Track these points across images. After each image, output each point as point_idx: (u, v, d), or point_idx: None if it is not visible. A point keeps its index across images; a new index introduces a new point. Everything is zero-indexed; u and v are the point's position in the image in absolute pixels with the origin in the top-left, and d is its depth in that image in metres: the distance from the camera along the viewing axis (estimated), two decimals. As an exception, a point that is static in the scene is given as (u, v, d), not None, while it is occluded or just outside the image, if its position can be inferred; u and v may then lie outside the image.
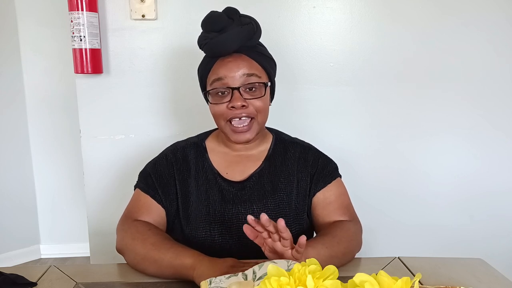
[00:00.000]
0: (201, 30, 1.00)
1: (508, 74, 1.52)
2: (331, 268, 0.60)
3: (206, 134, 1.09)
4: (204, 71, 0.99)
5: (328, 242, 0.89)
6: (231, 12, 0.97)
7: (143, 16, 1.43)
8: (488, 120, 1.55)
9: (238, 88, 0.93)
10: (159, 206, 1.00)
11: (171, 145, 1.09)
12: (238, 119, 0.95)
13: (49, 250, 2.71)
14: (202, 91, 1.04)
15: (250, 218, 0.77)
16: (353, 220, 1.02)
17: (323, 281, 0.58)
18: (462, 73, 1.51)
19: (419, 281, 0.61)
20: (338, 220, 1.00)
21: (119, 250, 0.96)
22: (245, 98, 0.94)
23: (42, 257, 2.71)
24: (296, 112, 1.52)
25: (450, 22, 1.48)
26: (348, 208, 1.04)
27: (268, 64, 1.00)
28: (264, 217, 0.75)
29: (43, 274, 0.91)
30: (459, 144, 1.56)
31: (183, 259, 0.84)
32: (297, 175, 1.02)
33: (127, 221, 0.98)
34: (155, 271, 0.88)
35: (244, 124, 0.95)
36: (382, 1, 1.46)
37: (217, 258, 0.84)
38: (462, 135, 1.55)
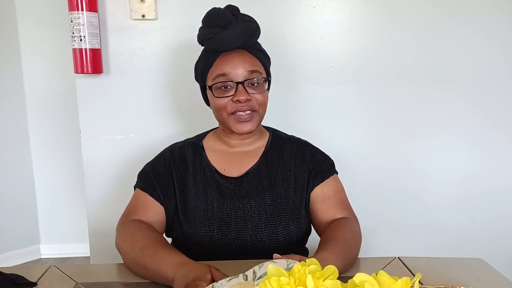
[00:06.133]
0: (201, 26, 1.01)
1: (508, 74, 1.52)
2: (331, 268, 0.60)
3: (204, 134, 1.11)
4: (205, 65, 1.00)
5: (343, 251, 0.88)
6: (233, 9, 1.00)
7: (143, 16, 1.43)
8: (488, 120, 1.55)
9: (242, 83, 0.96)
10: (158, 204, 1.00)
11: (169, 146, 1.10)
12: (242, 112, 0.97)
13: (49, 250, 2.71)
14: (200, 85, 1.06)
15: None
16: (352, 217, 1.03)
17: (323, 281, 0.58)
18: (462, 73, 1.51)
19: (419, 281, 0.61)
20: (339, 217, 1.01)
21: (117, 248, 0.97)
22: (248, 93, 0.96)
23: (42, 257, 2.71)
24: (296, 112, 1.52)
25: (450, 22, 1.48)
26: (346, 204, 1.05)
27: (266, 61, 1.03)
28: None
29: (43, 274, 0.91)
30: (459, 144, 1.56)
31: (164, 272, 0.82)
32: (294, 170, 1.04)
33: (124, 220, 0.99)
34: (144, 276, 0.88)
35: (246, 114, 0.98)
36: (382, 1, 1.46)
37: (192, 264, 0.82)
38: (462, 135, 1.55)
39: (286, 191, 1.02)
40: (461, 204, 1.60)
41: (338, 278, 0.60)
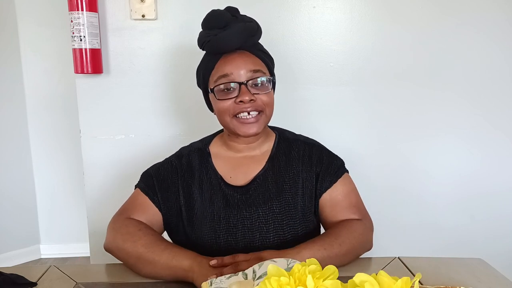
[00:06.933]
0: (201, 30, 0.99)
1: (508, 74, 1.52)
2: (331, 268, 0.60)
3: (210, 139, 1.08)
4: (206, 69, 0.98)
5: (328, 243, 0.88)
6: (232, 10, 0.98)
7: (143, 16, 1.43)
8: (488, 120, 1.55)
9: (245, 83, 0.93)
10: (156, 209, 0.99)
11: (176, 152, 1.07)
12: (246, 113, 0.94)
13: (49, 250, 2.72)
14: (202, 90, 1.03)
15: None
16: (363, 218, 1.00)
17: (323, 281, 0.58)
18: (461, 73, 1.51)
19: (419, 281, 0.61)
20: (346, 218, 0.98)
21: (108, 250, 0.95)
22: (252, 93, 0.93)
23: (42, 257, 2.71)
24: (296, 112, 1.52)
25: (450, 22, 1.48)
26: (357, 205, 1.01)
27: (269, 61, 1.01)
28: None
29: (43, 274, 0.91)
30: (459, 144, 1.56)
31: (180, 261, 0.85)
32: (302, 175, 1.00)
33: (119, 218, 0.97)
34: (151, 272, 0.88)
35: (252, 116, 0.94)
36: (382, 2, 1.46)
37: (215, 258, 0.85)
38: (462, 135, 1.55)
39: (294, 198, 0.98)
40: (461, 204, 1.60)
41: (338, 278, 0.60)
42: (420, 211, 1.60)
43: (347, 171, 1.05)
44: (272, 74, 1.01)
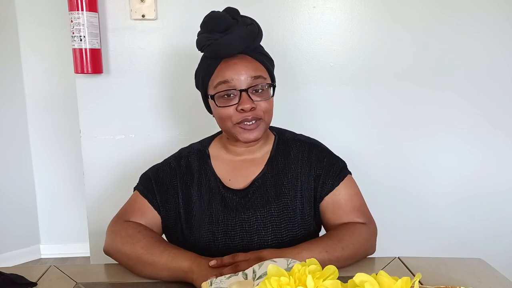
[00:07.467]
0: (199, 30, 0.98)
1: (508, 74, 1.52)
2: (331, 268, 0.60)
3: (210, 140, 1.07)
4: (206, 73, 0.96)
5: (330, 246, 0.87)
6: (233, 12, 0.95)
7: (143, 16, 1.44)
8: (488, 120, 1.55)
9: (246, 90, 0.91)
10: (155, 212, 0.98)
11: (175, 153, 1.06)
12: (248, 122, 0.93)
13: (49, 250, 2.72)
14: (202, 93, 1.01)
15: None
16: (368, 222, 0.99)
17: (323, 281, 0.58)
18: (462, 73, 1.51)
19: (419, 281, 0.61)
20: (351, 221, 0.97)
21: (107, 253, 0.95)
22: (253, 100, 0.92)
23: (42, 257, 2.71)
24: (296, 112, 1.52)
25: (450, 22, 1.48)
26: (361, 209, 0.99)
27: (270, 64, 0.99)
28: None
29: (43, 274, 0.91)
30: (459, 144, 1.56)
31: (179, 262, 0.85)
32: (301, 177, 0.99)
33: (118, 221, 0.97)
34: (151, 274, 0.88)
35: (252, 123, 0.93)
36: (382, 2, 1.46)
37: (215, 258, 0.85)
38: (462, 135, 1.55)
39: (293, 201, 0.97)
40: (461, 204, 1.60)
41: (338, 278, 0.60)
42: (420, 211, 1.60)
43: (350, 173, 1.03)
44: (272, 78, 0.99)
